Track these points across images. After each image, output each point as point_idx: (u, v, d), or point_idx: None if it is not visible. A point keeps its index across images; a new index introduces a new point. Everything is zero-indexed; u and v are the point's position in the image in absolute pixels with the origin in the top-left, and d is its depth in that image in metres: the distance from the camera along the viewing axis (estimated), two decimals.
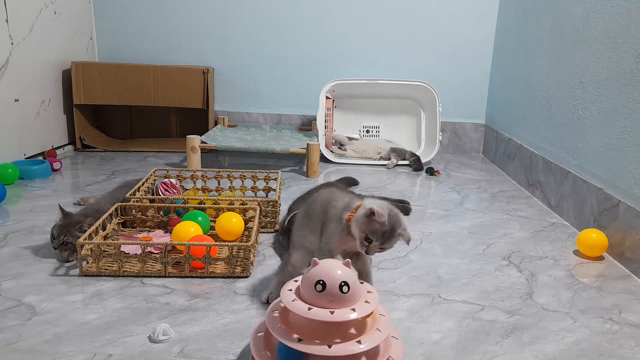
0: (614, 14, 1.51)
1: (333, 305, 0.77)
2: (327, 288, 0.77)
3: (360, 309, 0.78)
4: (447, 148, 2.81)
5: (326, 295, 0.77)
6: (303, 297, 0.80)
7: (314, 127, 2.68)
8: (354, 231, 0.96)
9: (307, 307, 0.77)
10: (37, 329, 0.99)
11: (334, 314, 0.76)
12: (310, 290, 0.78)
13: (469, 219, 1.73)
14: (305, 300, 0.79)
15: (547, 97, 1.97)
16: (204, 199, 1.53)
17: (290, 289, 0.83)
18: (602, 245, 1.42)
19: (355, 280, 0.80)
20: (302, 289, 0.81)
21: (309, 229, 1.09)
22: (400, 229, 0.96)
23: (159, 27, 2.70)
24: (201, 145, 2.16)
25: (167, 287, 1.17)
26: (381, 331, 0.80)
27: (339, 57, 2.72)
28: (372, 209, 0.92)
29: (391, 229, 0.94)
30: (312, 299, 0.78)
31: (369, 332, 0.80)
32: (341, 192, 1.11)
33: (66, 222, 1.29)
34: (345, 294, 0.78)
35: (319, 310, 0.77)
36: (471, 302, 1.16)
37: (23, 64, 2.11)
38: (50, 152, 2.28)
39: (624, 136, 1.43)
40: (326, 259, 0.84)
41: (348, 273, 0.80)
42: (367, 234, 0.94)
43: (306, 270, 0.82)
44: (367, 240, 0.94)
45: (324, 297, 0.78)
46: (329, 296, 0.77)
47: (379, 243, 0.94)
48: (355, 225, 0.96)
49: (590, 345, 1.01)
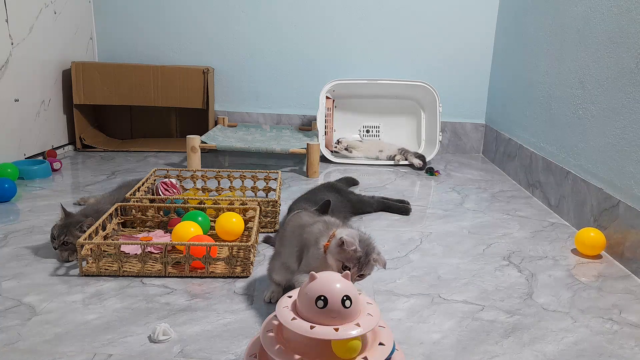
0: (614, 14, 1.51)
1: (336, 322, 0.73)
2: (329, 304, 0.72)
3: (365, 323, 0.74)
4: (447, 148, 2.81)
5: (329, 311, 0.72)
6: (302, 314, 0.74)
7: (314, 127, 2.68)
8: (330, 262, 0.98)
9: (308, 325, 0.72)
10: (37, 329, 0.99)
11: (339, 331, 0.71)
12: (311, 306, 0.73)
13: (469, 219, 1.73)
14: (304, 318, 0.74)
15: (547, 97, 1.97)
16: (204, 199, 1.53)
17: (286, 305, 0.77)
18: (600, 244, 1.42)
19: (356, 293, 0.76)
20: (301, 305, 0.75)
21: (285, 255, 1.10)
22: (374, 254, 0.97)
23: (159, 27, 2.70)
24: (201, 145, 2.16)
25: (167, 287, 1.17)
26: (385, 345, 0.76)
27: (339, 57, 2.72)
28: (342, 239, 0.94)
29: (365, 255, 0.96)
30: (313, 315, 0.73)
31: (373, 347, 0.75)
32: (312, 217, 1.12)
33: (66, 222, 1.29)
34: (348, 309, 0.73)
35: (322, 329, 0.71)
36: (471, 302, 1.16)
37: (23, 64, 2.11)
38: (50, 152, 2.28)
39: (624, 136, 1.43)
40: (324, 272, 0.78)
41: (348, 286, 0.76)
42: (343, 262, 0.96)
43: (303, 285, 0.77)
44: (344, 268, 0.95)
45: (326, 313, 0.72)
46: (331, 312, 0.72)
47: (356, 269, 0.96)
48: (330, 255, 0.97)
49: (590, 345, 1.01)
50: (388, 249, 1.44)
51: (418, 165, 2.37)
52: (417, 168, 2.38)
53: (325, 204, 1.39)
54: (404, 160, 2.44)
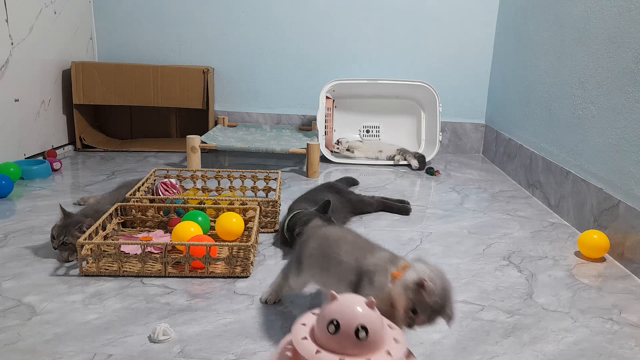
0: (614, 14, 1.51)
1: (345, 351, 0.66)
2: (341, 330, 0.66)
3: None
4: (447, 148, 2.81)
5: (339, 338, 0.66)
6: (315, 336, 0.68)
7: (314, 127, 2.68)
8: (397, 298, 0.82)
9: (315, 349, 0.66)
10: (37, 329, 0.99)
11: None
12: (323, 329, 0.67)
13: (469, 219, 1.73)
14: (316, 340, 0.68)
15: (547, 97, 1.97)
16: (204, 199, 1.53)
17: (304, 323, 0.71)
18: (603, 246, 1.41)
19: (378, 326, 0.67)
20: (316, 326, 0.69)
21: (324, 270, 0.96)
22: (448, 309, 0.82)
23: (159, 27, 2.70)
24: (201, 145, 2.16)
25: (167, 287, 1.17)
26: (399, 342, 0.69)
27: (339, 57, 2.72)
28: (423, 282, 0.79)
29: (441, 306, 0.81)
30: (324, 339, 0.67)
31: None
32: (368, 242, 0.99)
33: (66, 222, 1.29)
34: (360, 341, 0.65)
35: (326, 355, 0.65)
36: (471, 302, 1.16)
37: (23, 64, 2.11)
38: (50, 152, 2.28)
39: (624, 136, 1.43)
40: (347, 294, 0.71)
41: (370, 315, 0.67)
42: (414, 304, 0.80)
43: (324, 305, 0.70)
44: (413, 311, 0.81)
45: (336, 340, 0.66)
46: (342, 340, 0.66)
47: (425, 318, 0.81)
48: (402, 290, 0.81)
49: (590, 345, 1.01)
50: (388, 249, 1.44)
51: (415, 167, 2.37)
52: (414, 169, 2.37)
53: (325, 204, 1.39)
54: (403, 160, 2.44)
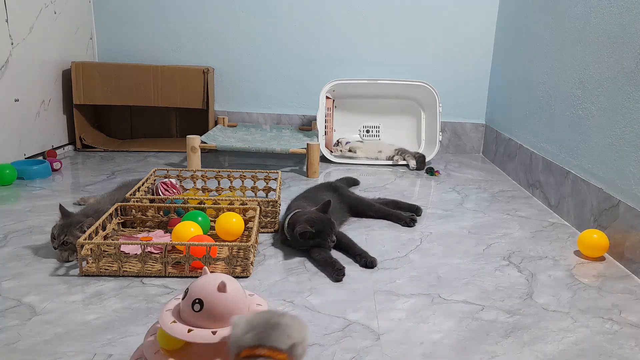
0: (614, 13, 1.51)
1: (191, 322, 0.73)
2: (185, 300, 0.74)
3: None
4: (447, 148, 2.81)
5: (185, 305, 0.74)
6: (181, 314, 0.75)
7: (314, 127, 2.68)
8: None
9: (187, 328, 0.72)
10: (37, 329, 0.99)
11: (217, 334, 0.71)
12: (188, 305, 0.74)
13: (469, 219, 1.73)
14: (180, 315, 0.75)
15: (547, 97, 1.97)
16: (204, 199, 1.53)
17: (169, 309, 0.77)
18: (603, 245, 1.41)
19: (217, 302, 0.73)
20: (182, 303, 0.76)
21: None
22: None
23: (159, 27, 2.70)
24: (201, 145, 2.16)
25: (167, 287, 1.17)
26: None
27: (339, 57, 2.72)
28: None
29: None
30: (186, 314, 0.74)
31: None
32: None
33: (66, 222, 1.29)
34: (198, 313, 0.73)
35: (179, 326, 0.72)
36: (471, 302, 1.16)
37: (23, 64, 2.11)
38: (50, 152, 2.28)
39: (624, 136, 1.43)
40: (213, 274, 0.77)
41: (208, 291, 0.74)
42: None
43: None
44: None
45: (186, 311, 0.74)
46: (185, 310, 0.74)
47: None
48: None
49: (590, 345, 1.01)
50: (388, 249, 1.44)
51: (413, 167, 2.37)
52: (412, 169, 2.37)
53: (326, 204, 1.39)
54: (402, 160, 2.44)
